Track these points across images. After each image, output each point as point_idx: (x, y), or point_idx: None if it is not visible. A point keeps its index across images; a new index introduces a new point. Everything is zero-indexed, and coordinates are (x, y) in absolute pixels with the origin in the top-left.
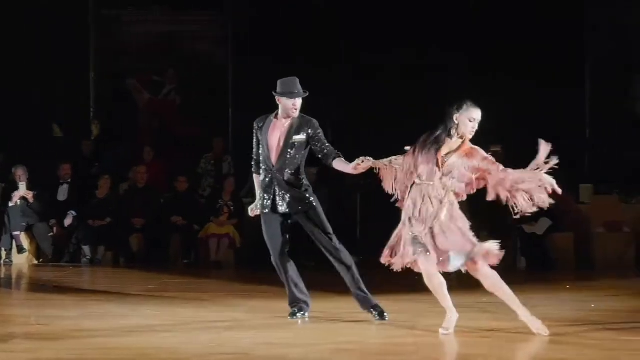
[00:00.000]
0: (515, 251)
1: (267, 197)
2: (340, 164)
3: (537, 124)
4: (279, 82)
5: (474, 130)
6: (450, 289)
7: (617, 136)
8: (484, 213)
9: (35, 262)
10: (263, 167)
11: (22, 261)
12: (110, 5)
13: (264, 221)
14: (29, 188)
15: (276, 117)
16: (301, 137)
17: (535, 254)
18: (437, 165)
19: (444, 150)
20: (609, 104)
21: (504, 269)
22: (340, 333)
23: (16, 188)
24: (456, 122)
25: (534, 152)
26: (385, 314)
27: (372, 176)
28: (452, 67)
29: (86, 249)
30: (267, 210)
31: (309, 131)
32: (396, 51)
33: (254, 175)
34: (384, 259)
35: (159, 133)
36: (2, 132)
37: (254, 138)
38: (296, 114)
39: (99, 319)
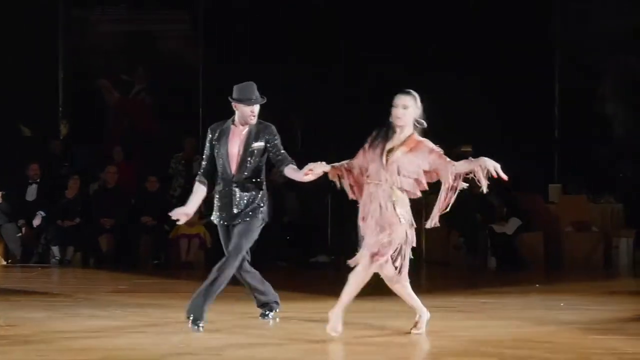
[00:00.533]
0: (486, 251)
1: (222, 209)
2: (291, 172)
3: (507, 124)
4: (235, 88)
5: (398, 117)
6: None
7: (585, 136)
8: (455, 213)
9: (4, 262)
10: (220, 177)
11: None
12: (79, 5)
13: (221, 234)
14: None
15: (234, 123)
16: (260, 143)
17: (505, 254)
18: (382, 162)
19: (389, 146)
20: (577, 104)
21: (475, 269)
22: (310, 333)
23: None
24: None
25: (503, 152)
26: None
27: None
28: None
29: (55, 249)
30: (224, 222)
31: (267, 137)
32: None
33: (198, 185)
34: (353, 262)
35: (129, 133)
36: None
37: (207, 145)
38: (254, 120)
39: (68, 320)
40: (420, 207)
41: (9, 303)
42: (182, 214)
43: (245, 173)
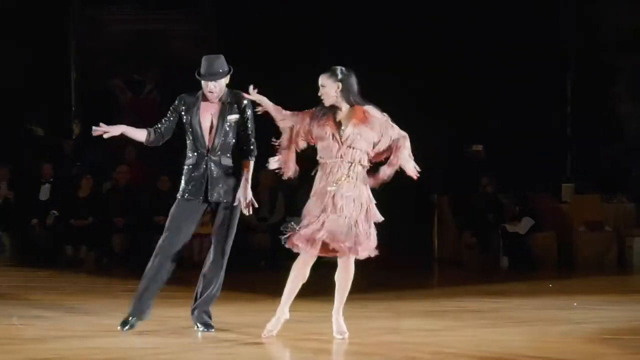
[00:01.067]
0: (498, 250)
1: (193, 183)
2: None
3: (519, 124)
4: (203, 59)
5: (322, 96)
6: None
7: (598, 136)
8: (467, 213)
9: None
10: (191, 150)
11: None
12: (91, 5)
13: (181, 206)
14: (10, 188)
15: (204, 97)
16: (235, 115)
17: (517, 253)
18: (335, 139)
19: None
20: (590, 103)
21: (488, 269)
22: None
23: None
24: None
25: (515, 151)
26: (213, 329)
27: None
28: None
29: (68, 248)
30: (189, 196)
31: (242, 108)
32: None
33: (146, 130)
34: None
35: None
36: None
37: (173, 109)
38: (212, 97)
39: (82, 318)
40: (433, 207)
41: (23, 302)
42: (108, 128)
43: (222, 147)
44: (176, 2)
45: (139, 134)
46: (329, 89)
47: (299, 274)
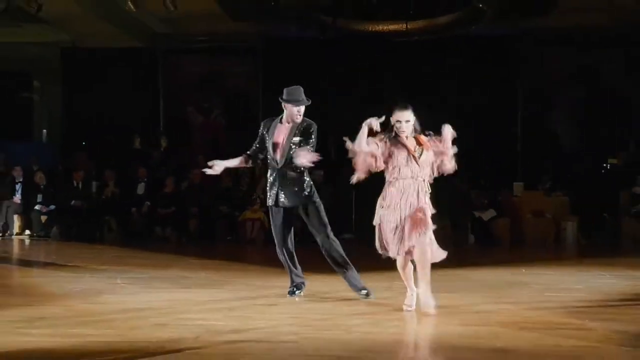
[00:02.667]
0: (467, 231)
1: (271, 192)
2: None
3: (482, 137)
4: (285, 90)
5: (403, 131)
6: None
7: (540, 148)
8: (446, 203)
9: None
10: (270, 165)
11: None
12: (173, 53)
13: (270, 214)
14: (116, 186)
15: (281, 121)
16: (300, 137)
17: (481, 234)
18: (413, 161)
19: (411, 147)
20: (534, 125)
21: (458, 244)
22: (321, 310)
23: (107, 186)
24: (392, 123)
25: (480, 162)
26: (371, 295)
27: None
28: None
29: (157, 230)
30: (271, 203)
31: (303, 131)
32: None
33: (243, 157)
34: (381, 251)
35: (209, 144)
36: (98, 146)
37: (259, 134)
38: (299, 118)
39: (165, 278)
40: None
41: (125, 267)
42: (216, 164)
43: (289, 162)
44: (233, 50)
45: (238, 162)
46: (412, 122)
47: (403, 268)
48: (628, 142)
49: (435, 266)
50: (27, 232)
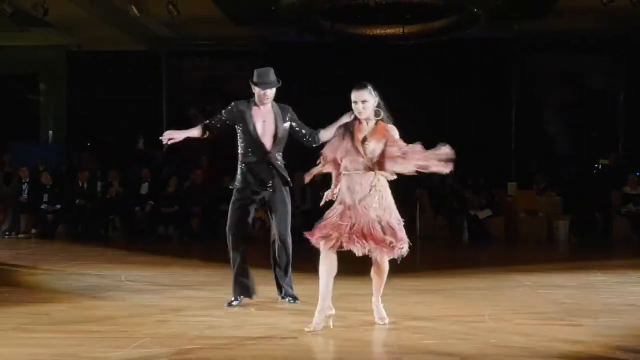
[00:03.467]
0: (462, 229)
1: (253, 176)
2: (325, 134)
3: (479, 138)
4: (255, 71)
5: (359, 111)
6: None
7: (534, 149)
8: (441, 203)
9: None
10: (250, 150)
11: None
12: (175, 57)
13: (239, 198)
14: (120, 185)
15: (256, 104)
16: (287, 123)
17: (476, 232)
18: (360, 153)
19: (360, 136)
20: (527, 126)
21: (454, 241)
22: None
23: (111, 185)
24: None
25: (477, 162)
26: (297, 300)
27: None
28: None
29: (160, 228)
30: (241, 186)
31: (289, 116)
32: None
33: (200, 127)
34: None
35: (211, 146)
36: (103, 147)
37: (225, 113)
38: (267, 101)
39: (168, 276)
40: (415, 198)
41: (129, 265)
42: (172, 133)
43: (279, 149)
44: (234, 54)
45: (195, 132)
46: (370, 104)
47: (330, 272)
48: (617, 143)
49: (429, 264)
50: (34, 230)
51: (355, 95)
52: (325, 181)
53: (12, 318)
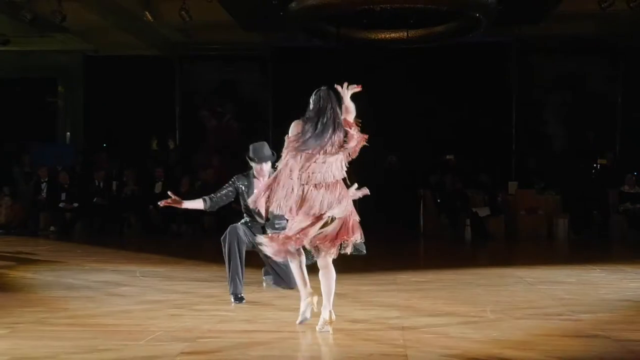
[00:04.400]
0: (464, 227)
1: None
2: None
3: (480, 139)
4: (250, 147)
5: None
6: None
7: (533, 148)
8: (444, 201)
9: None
10: (250, 219)
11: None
12: (186, 61)
13: (244, 232)
14: (135, 184)
15: (254, 177)
16: None
17: (477, 230)
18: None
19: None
20: (527, 127)
21: (457, 239)
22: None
23: (127, 184)
24: None
25: (479, 161)
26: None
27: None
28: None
29: (173, 226)
30: (249, 232)
31: None
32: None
33: (202, 201)
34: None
35: (222, 147)
36: (119, 147)
37: (231, 187)
38: (265, 175)
39: (181, 271)
40: (419, 197)
41: (144, 260)
42: (174, 200)
43: (270, 217)
44: (244, 58)
45: (197, 204)
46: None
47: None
48: (615, 144)
49: (432, 261)
50: (52, 228)
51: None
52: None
53: (32, 312)
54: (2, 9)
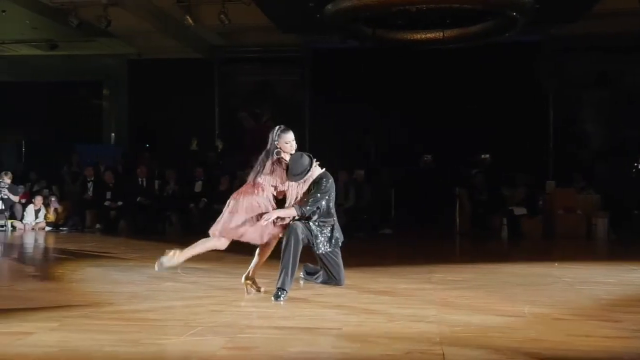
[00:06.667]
0: (501, 226)
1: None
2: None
3: (517, 138)
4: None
5: (291, 149)
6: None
7: (571, 148)
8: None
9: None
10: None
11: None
12: (226, 64)
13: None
14: (176, 183)
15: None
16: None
17: (514, 228)
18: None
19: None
20: (564, 126)
21: (493, 238)
22: (365, 300)
23: (168, 184)
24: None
25: (516, 161)
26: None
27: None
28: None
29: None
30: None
31: None
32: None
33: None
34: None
35: (261, 147)
36: (161, 147)
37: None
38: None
39: (222, 269)
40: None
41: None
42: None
43: None
44: (282, 60)
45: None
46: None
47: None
48: None
49: (469, 260)
50: (98, 226)
51: (289, 137)
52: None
53: (79, 306)
54: (50, 15)
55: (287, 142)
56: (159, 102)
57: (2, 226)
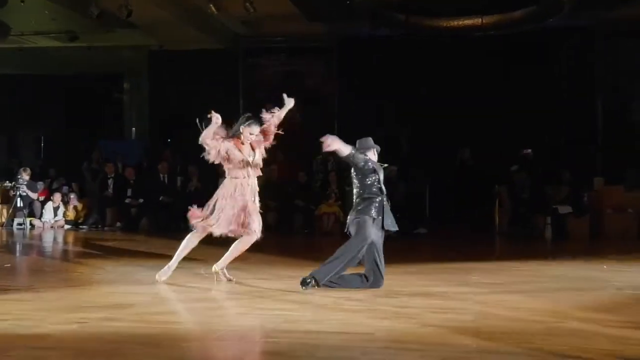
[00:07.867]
0: (544, 226)
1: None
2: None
3: (562, 131)
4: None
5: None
6: None
7: (621, 141)
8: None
9: None
10: (378, 190)
11: None
12: (252, 55)
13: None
14: (198, 181)
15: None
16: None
17: (559, 228)
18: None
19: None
20: (615, 119)
21: (535, 238)
22: (395, 303)
23: (191, 180)
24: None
25: (560, 156)
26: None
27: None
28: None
29: None
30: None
31: None
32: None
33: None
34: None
35: (287, 141)
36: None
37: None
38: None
39: (249, 266)
40: (495, 195)
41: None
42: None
43: None
44: (309, 50)
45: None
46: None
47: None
48: None
49: (507, 264)
50: (119, 224)
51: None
52: None
53: (100, 307)
54: (70, 6)
55: (252, 133)
56: (182, 95)
57: (20, 224)
